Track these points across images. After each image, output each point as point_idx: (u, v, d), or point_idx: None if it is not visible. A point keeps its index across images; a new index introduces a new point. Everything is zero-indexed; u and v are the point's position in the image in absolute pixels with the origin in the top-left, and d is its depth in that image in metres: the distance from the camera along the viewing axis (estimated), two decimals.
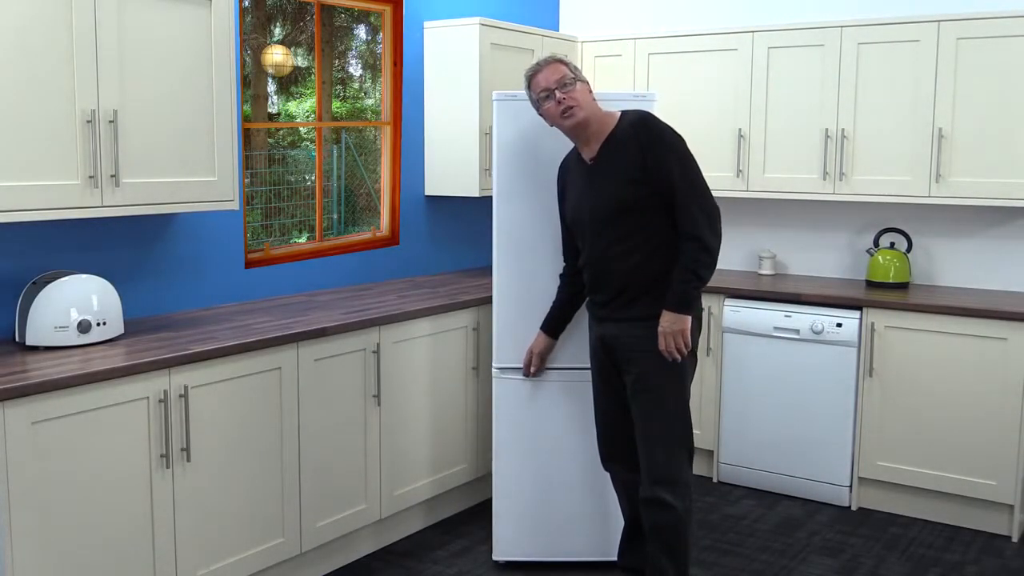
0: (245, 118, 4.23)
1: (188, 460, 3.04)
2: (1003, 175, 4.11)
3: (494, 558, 3.71)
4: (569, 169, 3.31)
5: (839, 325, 4.26)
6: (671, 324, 3.02)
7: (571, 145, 3.29)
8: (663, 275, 3.05)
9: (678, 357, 3.04)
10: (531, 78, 3.18)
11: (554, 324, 3.50)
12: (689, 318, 3.03)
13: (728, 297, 4.53)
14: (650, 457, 3.09)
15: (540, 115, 3.22)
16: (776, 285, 4.62)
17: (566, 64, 3.16)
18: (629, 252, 3.08)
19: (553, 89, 3.10)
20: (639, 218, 3.05)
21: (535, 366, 3.53)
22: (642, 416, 3.11)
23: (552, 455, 3.64)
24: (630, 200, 3.04)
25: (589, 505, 3.66)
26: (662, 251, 3.06)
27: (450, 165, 4.61)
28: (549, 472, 3.65)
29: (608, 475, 3.51)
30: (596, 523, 3.68)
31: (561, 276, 3.47)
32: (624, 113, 3.15)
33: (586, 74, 5.13)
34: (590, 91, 3.16)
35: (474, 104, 4.50)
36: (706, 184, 3.04)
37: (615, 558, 3.62)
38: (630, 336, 3.12)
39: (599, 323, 3.25)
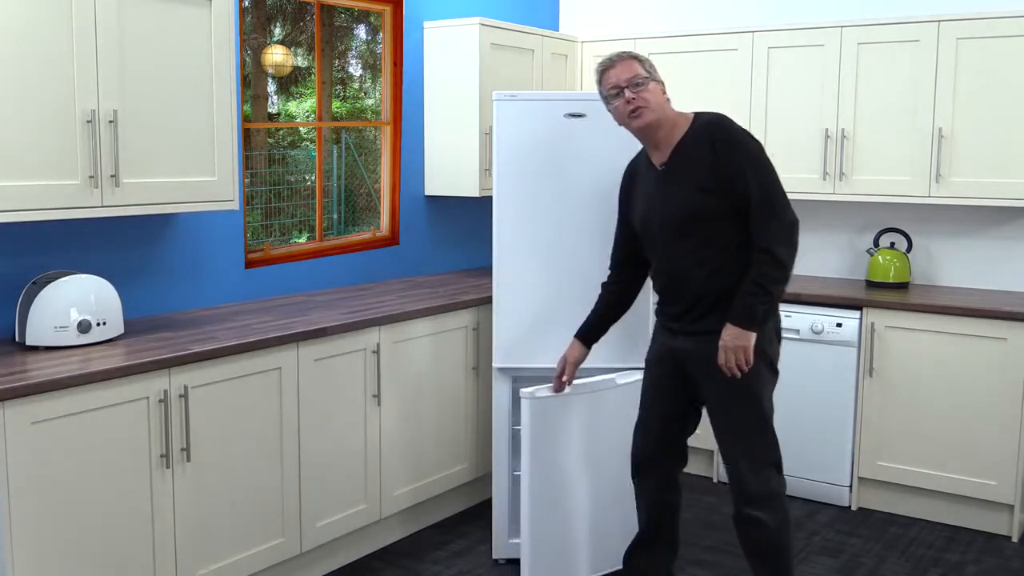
0: (245, 118, 4.23)
1: (188, 460, 3.04)
2: (1003, 175, 4.11)
3: (494, 556, 3.71)
4: (637, 173, 3.13)
5: (839, 325, 4.26)
6: (733, 339, 2.83)
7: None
8: (737, 287, 2.88)
9: (737, 373, 2.86)
10: (602, 73, 3.00)
11: (590, 333, 3.30)
12: (753, 335, 2.83)
13: None
14: (735, 476, 2.97)
15: (608, 111, 3.05)
16: None
17: (640, 61, 2.97)
18: (701, 263, 2.91)
19: (623, 87, 2.93)
20: (711, 228, 2.89)
21: (568, 375, 3.33)
22: (723, 434, 2.99)
23: (554, 456, 3.64)
24: (702, 209, 2.88)
25: (591, 505, 3.66)
26: (736, 262, 2.89)
27: (450, 165, 4.61)
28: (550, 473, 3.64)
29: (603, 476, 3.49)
30: (598, 523, 3.68)
31: (604, 285, 3.29)
32: (698, 115, 2.97)
33: (586, 74, 5.14)
34: (664, 91, 2.98)
35: (474, 104, 4.50)
36: (784, 193, 2.84)
37: (618, 562, 3.61)
38: (705, 352, 2.94)
39: (671, 336, 3.08)
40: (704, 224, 2.89)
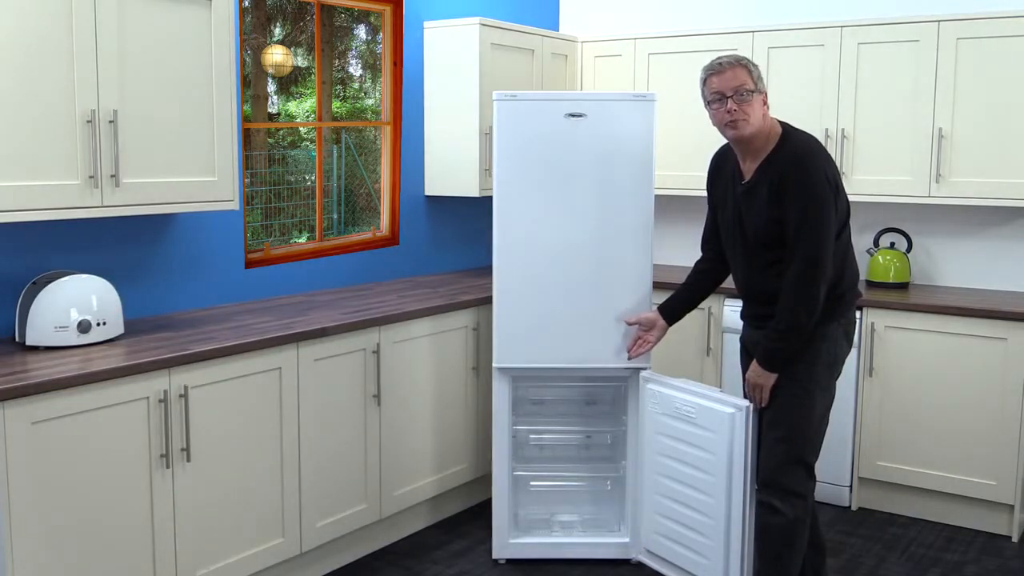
0: (245, 118, 4.23)
1: (188, 460, 3.04)
2: (1003, 175, 4.11)
3: (494, 556, 3.71)
4: (724, 164, 3.14)
5: None
6: (755, 376, 3.00)
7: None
8: None
9: (758, 405, 3.03)
10: (708, 77, 2.96)
11: (671, 304, 3.35)
12: (774, 376, 2.95)
13: (728, 297, 4.53)
14: (762, 461, 3.03)
15: (705, 107, 3.02)
16: None
17: (750, 72, 2.92)
18: (767, 279, 2.98)
19: (727, 97, 2.90)
20: (780, 251, 2.93)
21: (642, 340, 3.32)
22: (767, 424, 3.04)
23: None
24: (770, 238, 2.94)
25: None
26: None
27: (450, 165, 4.61)
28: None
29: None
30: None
31: (696, 262, 3.37)
32: (786, 136, 2.95)
33: (586, 74, 5.14)
34: (765, 102, 2.94)
35: (474, 104, 4.50)
36: (823, 253, 2.85)
37: (614, 556, 3.62)
38: (760, 346, 3.03)
39: (744, 327, 3.20)
40: (772, 249, 2.95)
